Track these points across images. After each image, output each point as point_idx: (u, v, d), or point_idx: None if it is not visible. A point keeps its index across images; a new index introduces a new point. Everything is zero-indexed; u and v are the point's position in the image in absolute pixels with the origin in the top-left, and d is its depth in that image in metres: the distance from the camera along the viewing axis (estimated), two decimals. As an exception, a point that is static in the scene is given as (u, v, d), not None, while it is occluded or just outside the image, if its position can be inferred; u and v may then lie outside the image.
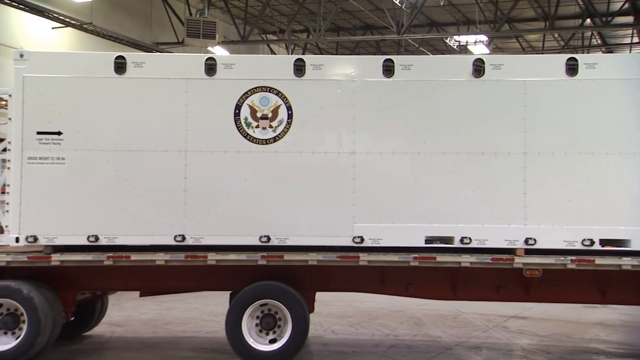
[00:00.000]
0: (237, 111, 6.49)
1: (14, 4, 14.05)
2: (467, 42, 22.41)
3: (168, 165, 6.44)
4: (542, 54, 20.74)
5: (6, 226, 6.42)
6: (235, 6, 19.86)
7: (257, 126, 6.49)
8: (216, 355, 7.00)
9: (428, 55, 23.03)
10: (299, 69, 6.50)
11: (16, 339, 6.26)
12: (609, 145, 6.23)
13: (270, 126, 6.49)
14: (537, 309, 9.44)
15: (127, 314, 9.08)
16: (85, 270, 6.58)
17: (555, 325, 8.65)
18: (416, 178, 6.46)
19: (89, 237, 6.38)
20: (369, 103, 6.47)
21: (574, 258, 6.16)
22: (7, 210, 6.39)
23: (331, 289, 7.04)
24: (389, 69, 6.45)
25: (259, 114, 6.49)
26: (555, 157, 6.29)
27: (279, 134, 6.48)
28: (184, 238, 6.40)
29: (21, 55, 6.49)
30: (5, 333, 6.31)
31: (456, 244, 6.33)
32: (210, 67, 6.51)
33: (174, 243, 6.41)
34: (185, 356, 6.98)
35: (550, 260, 6.20)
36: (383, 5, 18.36)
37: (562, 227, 6.24)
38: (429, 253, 6.31)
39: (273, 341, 6.38)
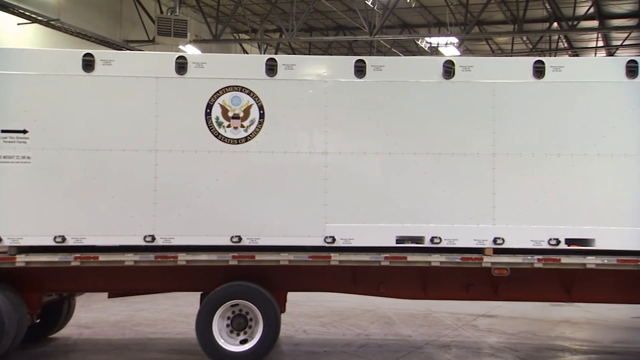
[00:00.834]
0: (209, 110, 6.45)
1: (-22, -2, 13.68)
2: (438, 44, 22.65)
3: (137, 164, 6.36)
4: (511, 56, 21.10)
5: (-31, 226, 6.26)
6: (207, 5, 19.70)
7: (229, 126, 6.45)
8: (186, 357, 6.93)
9: (400, 56, 23.21)
10: (271, 68, 6.49)
11: (-21, 342, 6.10)
12: (574, 146, 6.37)
13: (242, 126, 6.46)
14: (506, 307, 9.60)
15: (95, 315, 8.93)
16: (52, 271, 6.46)
17: (523, 323, 8.81)
18: (387, 178, 6.51)
19: (55, 238, 6.26)
20: (341, 103, 6.50)
21: (540, 257, 6.28)
22: (-30, 210, 6.23)
23: (303, 289, 7.04)
24: (360, 70, 6.49)
25: (230, 114, 6.46)
26: (522, 158, 6.40)
27: (251, 134, 6.45)
28: (154, 238, 6.33)
29: (-15, 52, 6.34)
30: (-32, 336, 6.15)
31: (426, 243, 6.39)
32: (181, 66, 6.46)
33: (143, 243, 6.33)
34: (155, 358, 6.90)
35: (518, 259, 6.31)
36: (355, 6, 18.43)
37: (530, 227, 6.36)
38: (400, 253, 6.36)
39: (244, 342, 6.36)
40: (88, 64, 6.40)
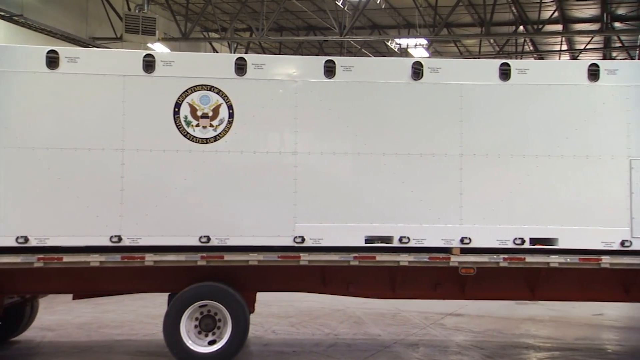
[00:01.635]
0: (177, 109, 6.38)
1: (-63, -8, 13.25)
2: (408, 45, 22.85)
3: (104, 163, 6.26)
4: (479, 58, 21.43)
5: None
6: (176, 2, 19.48)
7: (198, 125, 6.40)
8: (153, 358, 6.85)
9: (370, 57, 23.34)
10: (241, 67, 6.46)
11: (-63, 346, 5.92)
12: (539, 148, 6.50)
13: (211, 125, 6.41)
14: (472, 306, 9.75)
15: (59, 317, 8.76)
16: (14, 272, 6.29)
17: (489, 322, 8.96)
18: (357, 178, 6.54)
19: (17, 239, 6.11)
20: (311, 103, 6.50)
21: (506, 256, 6.39)
22: None
23: (272, 289, 7.02)
24: (330, 70, 6.51)
25: (199, 113, 6.40)
26: (489, 159, 6.51)
27: (220, 133, 6.41)
28: (120, 239, 6.24)
29: (-56, 47, 6.15)
30: None
31: (395, 243, 6.44)
32: (149, 64, 6.38)
33: (109, 244, 6.23)
34: (121, 360, 6.81)
35: (484, 258, 6.41)
36: (326, 6, 18.47)
37: (496, 227, 6.46)
38: (369, 253, 6.40)
39: (212, 342, 6.31)
40: (52, 61, 6.26)
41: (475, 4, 18.59)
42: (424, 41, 21.37)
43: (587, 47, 22.18)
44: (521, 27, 19.40)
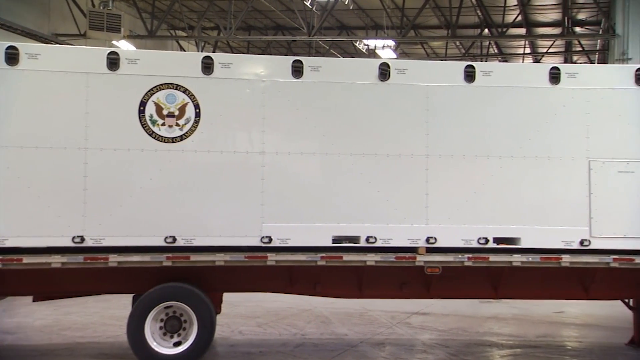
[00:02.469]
0: (142, 108, 6.29)
1: None
2: (375, 46, 23.02)
3: (66, 163, 6.13)
4: (445, 60, 21.73)
5: None
6: (142, -1, 19.20)
7: (163, 124, 6.32)
8: (117, 361, 6.74)
9: (338, 57, 23.42)
10: (207, 66, 6.41)
11: None
12: (502, 149, 6.62)
13: (177, 124, 6.34)
14: (438, 305, 9.87)
15: (19, 320, 8.53)
16: (-29, 275, 6.11)
17: (454, 320, 9.09)
18: (324, 178, 6.56)
19: (-25, 240, 5.94)
20: (278, 103, 6.49)
21: (470, 256, 6.49)
22: None
23: (239, 290, 6.98)
24: (298, 70, 6.51)
25: (165, 112, 6.33)
26: (454, 160, 6.60)
27: (186, 133, 6.35)
28: (83, 239, 6.12)
29: None
30: None
31: (362, 243, 6.48)
32: (113, 62, 6.27)
33: (72, 245, 6.11)
34: (84, 363, 6.67)
35: (449, 258, 6.50)
36: (294, 6, 18.46)
37: (460, 227, 6.56)
38: (336, 252, 6.42)
39: (178, 344, 6.24)
40: (11, 57, 6.11)
41: (441, 6, 18.84)
42: (391, 42, 21.56)
43: (549, 51, 22.72)
44: (486, 30, 19.77)
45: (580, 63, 22.53)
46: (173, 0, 18.11)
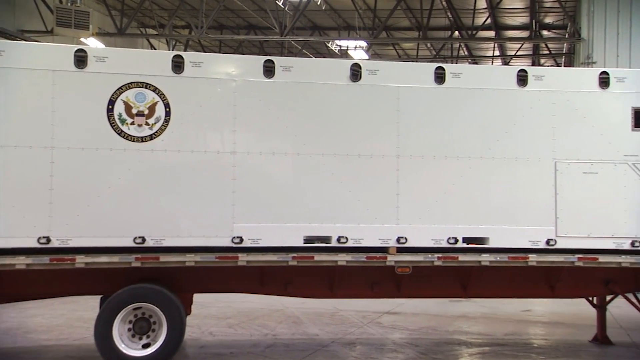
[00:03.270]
0: (111, 107, 6.20)
1: None
2: (348, 47, 23.08)
3: (31, 162, 6.00)
4: (416, 61, 21.93)
5: None
6: (112, -4, 18.89)
7: (133, 123, 6.24)
8: (85, 364, 6.63)
9: (310, 57, 23.43)
10: (178, 65, 6.35)
11: None
12: (472, 149, 6.71)
13: (147, 123, 6.27)
14: (408, 304, 9.97)
15: (-17, 323, 8.33)
16: None
17: (424, 319, 9.19)
18: (296, 179, 6.56)
19: (-64, 240, 5.77)
20: (250, 103, 6.47)
21: (440, 255, 6.56)
22: None
23: (210, 290, 6.93)
24: (269, 70, 6.49)
25: (134, 111, 6.25)
26: (425, 160, 6.67)
27: (156, 132, 6.28)
28: (49, 240, 6.00)
29: None
30: None
31: (333, 243, 6.50)
32: (81, 59, 6.17)
33: (37, 245, 5.98)
34: (50, 366, 6.54)
35: (420, 257, 6.56)
36: (266, 6, 18.40)
37: (431, 226, 6.63)
38: (307, 253, 6.42)
39: (146, 346, 6.17)
40: (-25, 53, 5.95)
41: (412, 8, 19.00)
42: (363, 43, 21.65)
43: (518, 54, 23.10)
44: (456, 33, 20.00)
45: (548, 66, 22.98)
46: (143, -3, 17.85)
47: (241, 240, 6.34)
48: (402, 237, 6.57)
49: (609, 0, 13.26)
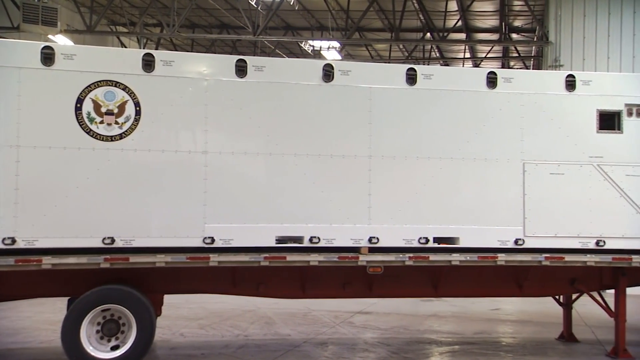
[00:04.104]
0: (79, 105, 6.09)
1: None
2: (321, 47, 23.11)
3: (-4, 161, 5.85)
4: (389, 62, 22.07)
5: None
6: (81, -7, 18.53)
7: (102, 122, 6.14)
8: (51, 367, 6.50)
9: (284, 57, 23.39)
10: (148, 64, 6.27)
11: None
12: (443, 150, 6.79)
13: (116, 122, 6.18)
14: (380, 304, 10.03)
15: (-55, 327, 8.10)
16: None
17: (396, 319, 9.25)
18: (268, 179, 6.54)
19: None
20: (222, 102, 6.43)
21: (411, 255, 6.61)
22: None
23: (181, 291, 6.87)
24: (241, 70, 6.46)
25: (103, 109, 6.15)
26: (396, 161, 6.72)
27: (126, 131, 6.19)
28: (14, 241, 5.87)
29: None
30: None
31: (306, 243, 6.50)
32: (48, 57, 6.05)
33: (2, 246, 5.84)
34: (15, 370, 6.40)
35: (391, 257, 6.60)
36: (239, 5, 18.30)
37: (402, 226, 6.68)
38: (279, 253, 6.41)
39: (115, 348, 6.08)
40: (-62, 49, 5.78)
41: (385, 9, 19.12)
42: (336, 44, 21.71)
43: (488, 56, 23.45)
44: (428, 34, 20.20)
45: (517, 68, 23.39)
46: (113, -6, 17.58)
47: (213, 240, 6.29)
48: (374, 237, 6.60)
49: (575, 5, 13.57)
